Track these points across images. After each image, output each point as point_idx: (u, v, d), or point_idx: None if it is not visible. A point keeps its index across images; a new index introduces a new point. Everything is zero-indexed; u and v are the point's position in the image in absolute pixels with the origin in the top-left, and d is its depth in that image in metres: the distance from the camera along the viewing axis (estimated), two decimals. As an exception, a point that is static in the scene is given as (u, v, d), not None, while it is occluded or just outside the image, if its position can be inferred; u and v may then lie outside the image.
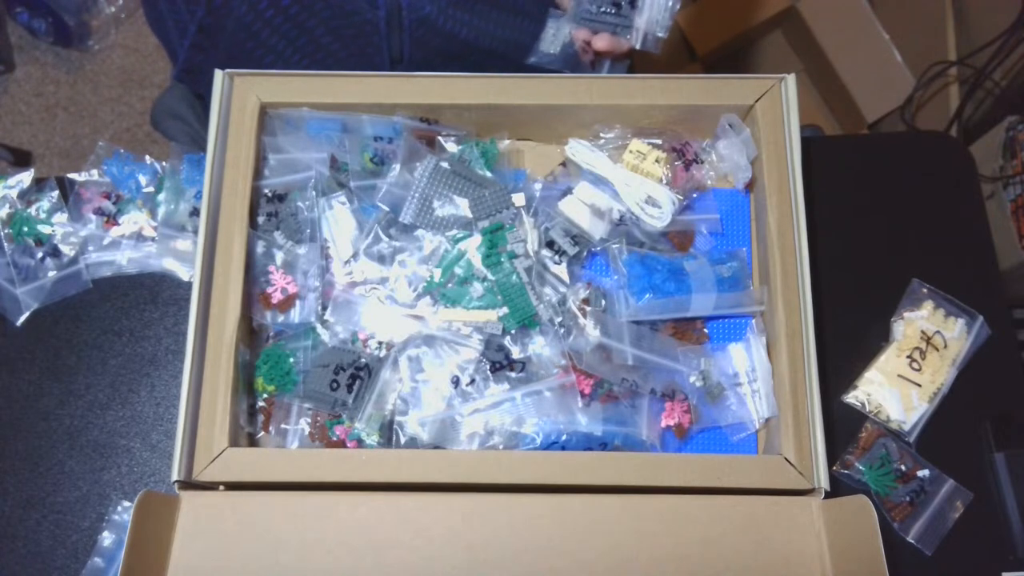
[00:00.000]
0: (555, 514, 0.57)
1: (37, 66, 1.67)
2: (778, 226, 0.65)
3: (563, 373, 0.64)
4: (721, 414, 0.67)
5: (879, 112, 1.52)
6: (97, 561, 0.68)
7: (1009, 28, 1.27)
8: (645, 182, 0.68)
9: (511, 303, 0.64)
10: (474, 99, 0.67)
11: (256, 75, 0.67)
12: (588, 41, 0.72)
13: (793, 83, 0.67)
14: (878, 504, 0.69)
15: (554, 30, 0.75)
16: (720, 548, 0.57)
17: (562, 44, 0.75)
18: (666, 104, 0.68)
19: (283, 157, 0.68)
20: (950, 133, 1.36)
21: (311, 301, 0.66)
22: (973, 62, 1.35)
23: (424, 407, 0.63)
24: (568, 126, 0.71)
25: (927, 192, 0.81)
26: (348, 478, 0.58)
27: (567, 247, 0.67)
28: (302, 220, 0.67)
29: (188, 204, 0.75)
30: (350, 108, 0.68)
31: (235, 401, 0.61)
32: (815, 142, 0.82)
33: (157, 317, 0.75)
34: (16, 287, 0.75)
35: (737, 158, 0.69)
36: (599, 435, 0.63)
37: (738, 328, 0.69)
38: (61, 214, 0.77)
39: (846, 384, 0.74)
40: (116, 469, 0.71)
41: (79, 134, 1.63)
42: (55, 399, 0.73)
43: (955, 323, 0.74)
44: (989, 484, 0.71)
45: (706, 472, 0.58)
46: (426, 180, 0.66)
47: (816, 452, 0.59)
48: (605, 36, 0.71)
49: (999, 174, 1.22)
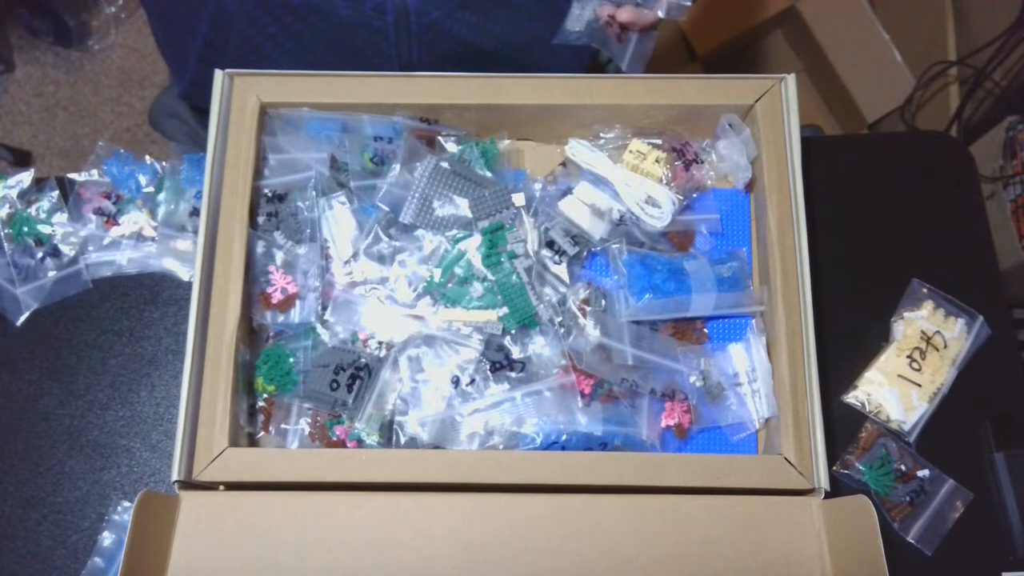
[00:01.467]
0: (555, 514, 0.57)
1: (37, 66, 1.67)
2: (778, 226, 0.65)
3: (563, 373, 0.64)
4: (721, 414, 0.67)
5: (879, 112, 1.52)
6: (97, 561, 0.68)
7: (1009, 28, 1.27)
8: (645, 182, 0.68)
9: (511, 303, 0.64)
10: (474, 99, 0.67)
11: (256, 75, 0.67)
12: (612, 15, 0.72)
13: (793, 83, 0.67)
14: (878, 504, 0.69)
15: (579, 10, 0.74)
16: (720, 548, 0.57)
17: (587, 22, 0.75)
18: (666, 104, 0.68)
19: (283, 157, 0.68)
20: (950, 133, 1.36)
21: (311, 301, 0.66)
22: (973, 62, 1.35)
23: (424, 407, 0.63)
24: (568, 126, 0.71)
25: (927, 192, 0.81)
26: (348, 478, 0.58)
27: (567, 247, 0.67)
28: (302, 220, 0.67)
29: (188, 204, 0.75)
30: (350, 108, 0.68)
31: (235, 401, 0.61)
32: (815, 142, 0.82)
33: (157, 317, 0.75)
34: (16, 287, 0.75)
35: (737, 158, 0.69)
36: (599, 435, 0.63)
37: (738, 328, 0.69)
38: (61, 214, 0.77)
39: (846, 384, 0.74)
40: (116, 469, 0.71)
41: (79, 134, 1.63)
42: (55, 399, 0.73)
43: (955, 323, 0.74)
44: (989, 484, 0.71)
45: (706, 472, 0.58)
46: (426, 180, 0.66)
47: (816, 452, 0.59)
48: (628, 8, 0.71)
49: (999, 174, 1.22)
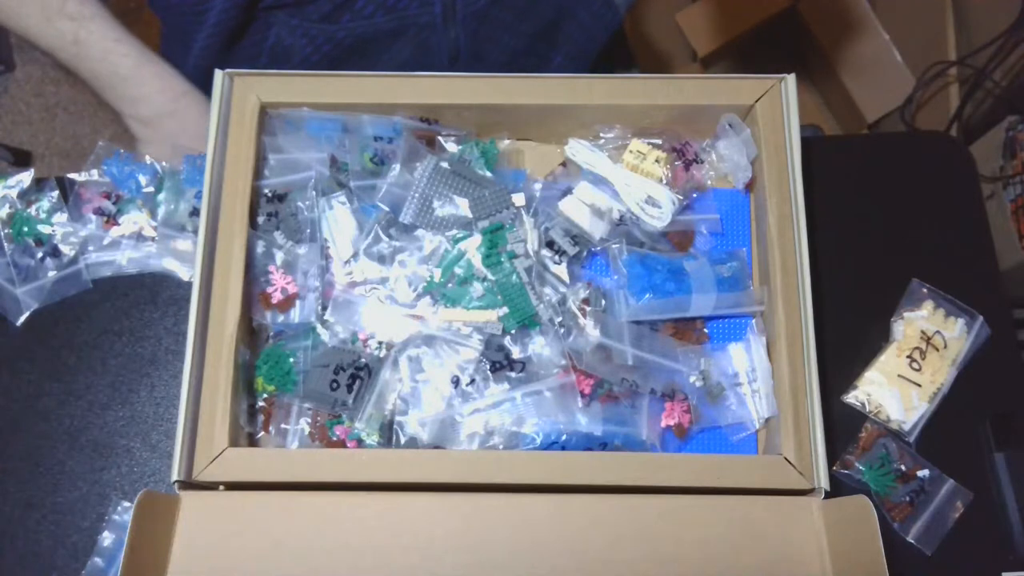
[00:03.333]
0: (555, 514, 0.57)
1: (37, 66, 1.67)
2: (778, 226, 0.65)
3: (563, 373, 0.64)
4: (721, 414, 0.67)
5: (879, 112, 1.53)
6: (97, 561, 0.68)
7: (1009, 28, 1.27)
8: (645, 182, 0.68)
9: (511, 303, 0.64)
10: (474, 99, 0.67)
11: (256, 75, 0.67)
12: None
13: (793, 83, 0.67)
14: (878, 504, 0.69)
15: None
16: (720, 548, 0.57)
17: None
18: (666, 104, 0.68)
19: (283, 157, 0.68)
20: (950, 133, 1.36)
21: (311, 301, 0.66)
22: (973, 62, 1.35)
23: (424, 407, 0.63)
24: (568, 126, 0.71)
25: (927, 192, 0.81)
26: (348, 478, 0.58)
27: (567, 247, 0.67)
28: (302, 220, 0.67)
29: (188, 204, 0.75)
30: (350, 108, 0.68)
31: (235, 401, 0.61)
32: (815, 142, 0.82)
33: (157, 317, 0.75)
34: (16, 287, 0.75)
35: (737, 158, 0.69)
36: (599, 435, 0.63)
37: (738, 328, 0.69)
38: (61, 214, 0.77)
39: (846, 384, 0.74)
40: (116, 469, 0.71)
41: (79, 134, 1.63)
42: (55, 399, 0.73)
43: (955, 323, 0.74)
44: (989, 484, 0.71)
45: (706, 472, 0.58)
46: (426, 180, 0.66)
47: (816, 452, 0.59)
48: None
49: (999, 174, 1.22)
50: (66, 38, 0.75)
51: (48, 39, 0.76)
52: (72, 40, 0.75)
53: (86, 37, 0.75)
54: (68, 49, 0.76)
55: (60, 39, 0.75)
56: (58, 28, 0.74)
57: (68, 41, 0.75)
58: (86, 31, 0.75)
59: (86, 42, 0.75)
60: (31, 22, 0.75)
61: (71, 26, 0.74)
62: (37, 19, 0.74)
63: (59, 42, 0.75)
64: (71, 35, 0.75)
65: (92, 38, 0.75)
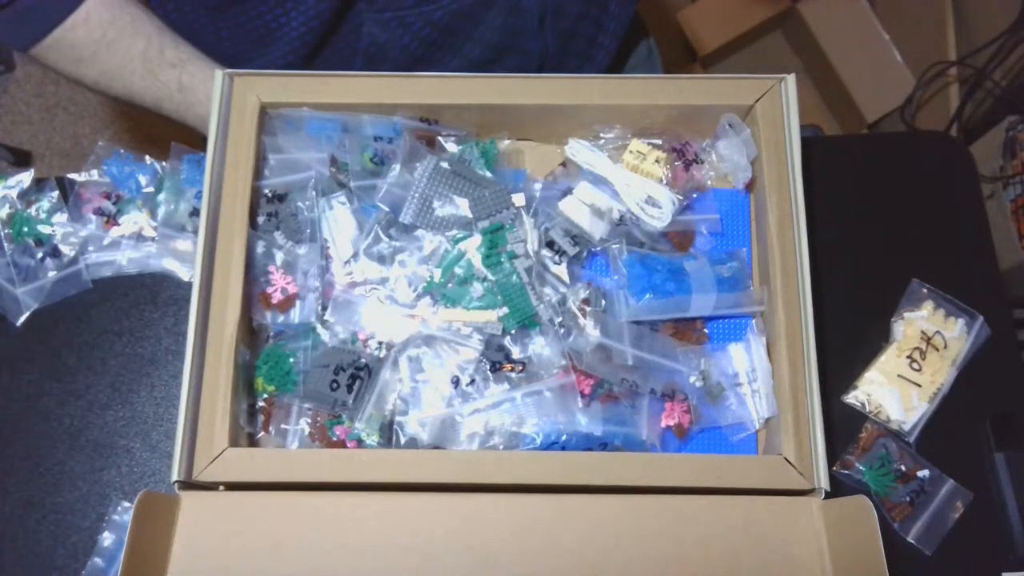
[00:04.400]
0: (555, 514, 0.57)
1: (37, 66, 1.67)
2: (778, 226, 0.65)
3: (563, 373, 0.64)
4: (721, 414, 0.67)
5: (879, 112, 1.53)
6: (97, 561, 0.68)
7: (1009, 28, 1.27)
8: (645, 182, 0.68)
9: (511, 303, 0.64)
10: (474, 99, 0.67)
11: (256, 75, 0.67)
12: None
13: (793, 83, 0.67)
14: (878, 504, 0.69)
15: None
16: (720, 548, 0.57)
17: None
18: (666, 104, 0.68)
19: (283, 157, 0.68)
20: (950, 133, 1.36)
21: (311, 301, 0.66)
22: (973, 62, 1.35)
23: (424, 407, 0.63)
24: (568, 126, 0.71)
25: (927, 192, 0.81)
26: (348, 478, 0.58)
27: (567, 247, 0.67)
28: (302, 220, 0.67)
29: (188, 204, 0.75)
30: (350, 108, 0.68)
31: (235, 401, 0.61)
32: (815, 142, 0.82)
33: (157, 317, 0.76)
34: (16, 287, 0.75)
35: (737, 158, 0.69)
36: (599, 435, 0.63)
37: (738, 328, 0.69)
38: (61, 214, 0.77)
39: (846, 384, 0.74)
40: (116, 469, 0.71)
41: (79, 134, 1.63)
42: (55, 399, 0.73)
43: (955, 323, 0.74)
44: (989, 484, 0.71)
45: (706, 472, 0.58)
46: (426, 180, 0.66)
47: (816, 452, 0.59)
48: None
49: (999, 174, 1.22)
50: (171, 87, 0.74)
51: (155, 92, 0.74)
52: (177, 88, 0.74)
53: (189, 81, 0.74)
54: (174, 98, 0.75)
55: (166, 89, 0.74)
56: (162, 79, 0.73)
57: (173, 90, 0.74)
58: (188, 75, 0.74)
59: (190, 87, 0.74)
60: (135, 79, 0.73)
61: (174, 73, 0.73)
62: (141, 74, 0.73)
63: (165, 92, 0.74)
64: (175, 83, 0.74)
65: (194, 81, 0.74)
